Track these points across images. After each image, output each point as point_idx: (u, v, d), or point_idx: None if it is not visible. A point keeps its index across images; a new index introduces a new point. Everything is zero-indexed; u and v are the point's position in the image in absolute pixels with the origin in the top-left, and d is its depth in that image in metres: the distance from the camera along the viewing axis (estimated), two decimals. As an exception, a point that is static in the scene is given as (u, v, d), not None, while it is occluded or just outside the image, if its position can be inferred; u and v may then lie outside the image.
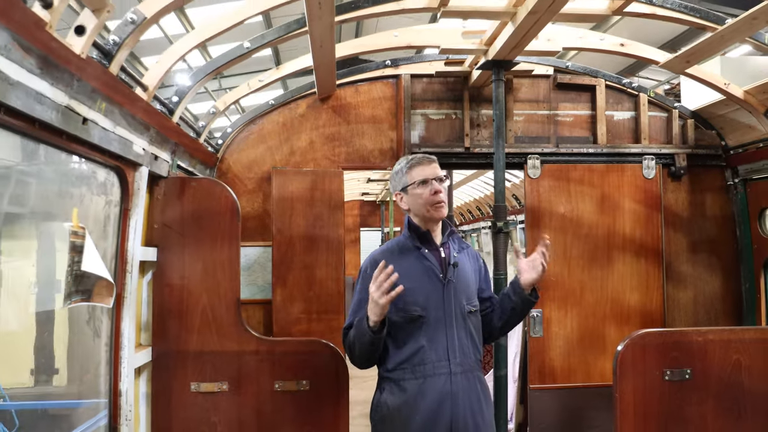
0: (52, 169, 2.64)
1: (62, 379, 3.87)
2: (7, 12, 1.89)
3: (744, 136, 5.11)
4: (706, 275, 5.34)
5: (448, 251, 3.19)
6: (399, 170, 3.22)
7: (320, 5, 3.19)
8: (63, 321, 3.44)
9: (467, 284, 3.19)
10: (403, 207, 3.24)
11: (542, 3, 3.33)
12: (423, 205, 3.12)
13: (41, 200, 2.92)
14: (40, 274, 3.27)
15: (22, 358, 3.63)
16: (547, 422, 4.99)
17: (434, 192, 3.09)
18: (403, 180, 3.17)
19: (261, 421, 3.84)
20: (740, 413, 3.89)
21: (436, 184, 3.11)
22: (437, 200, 3.10)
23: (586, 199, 5.13)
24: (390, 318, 3.02)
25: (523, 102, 5.27)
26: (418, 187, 3.11)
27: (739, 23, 3.67)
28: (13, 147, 2.39)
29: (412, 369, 3.07)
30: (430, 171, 3.13)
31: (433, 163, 3.18)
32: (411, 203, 3.17)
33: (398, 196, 3.23)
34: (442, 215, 3.15)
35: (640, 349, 3.87)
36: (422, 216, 3.16)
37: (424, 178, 3.11)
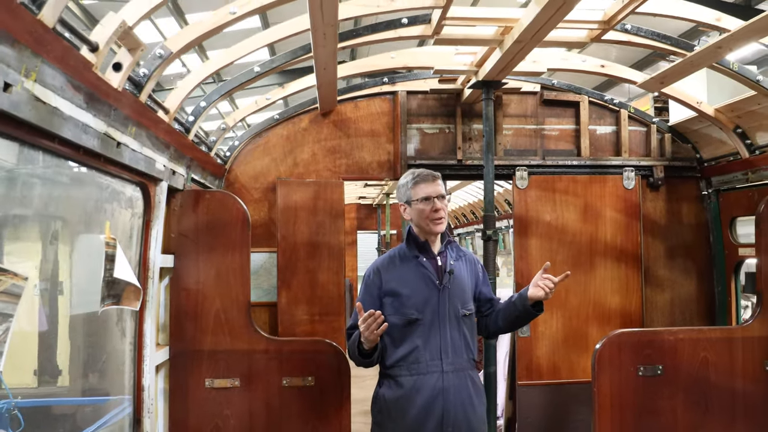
0: (90, 187, 2.99)
1: (65, 379, 4.19)
2: (65, 58, 2.23)
3: (717, 149, 5.48)
4: (682, 279, 5.71)
5: (444, 259, 3.54)
6: (405, 184, 3.57)
7: (324, 36, 3.53)
8: (65, 323, 3.73)
9: (462, 290, 3.53)
10: (405, 217, 3.60)
11: (527, 33, 3.68)
12: (424, 220, 3.47)
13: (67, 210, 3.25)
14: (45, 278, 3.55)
15: (25, 359, 3.91)
16: (534, 416, 5.34)
17: (435, 209, 3.44)
18: (408, 194, 3.52)
19: (270, 414, 4.19)
20: (707, 406, 4.25)
21: (437, 201, 3.45)
22: (437, 217, 3.45)
23: (570, 208, 5.48)
24: (389, 320, 3.38)
25: (511, 117, 5.62)
26: (421, 203, 3.46)
27: (706, 51, 4.03)
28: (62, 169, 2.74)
29: (407, 367, 3.42)
30: (432, 189, 3.47)
31: (437, 181, 3.51)
32: (413, 216, 3.52)
33: (402, 207, 3.58)
34: (440, 230, 3.50)
35: (616, 347, 4.23)
36: (422, 228, 3.51)
37: (426, 195, 3.45)
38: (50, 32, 2.05)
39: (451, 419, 3.38)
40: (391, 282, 3.50)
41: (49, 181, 2.64)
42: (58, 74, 2.20)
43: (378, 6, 3.60)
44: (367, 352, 3.35)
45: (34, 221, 2.60)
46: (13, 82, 1.91)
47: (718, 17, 3.84)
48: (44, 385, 3.68)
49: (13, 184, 2.42)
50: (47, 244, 3.10)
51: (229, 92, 4.22)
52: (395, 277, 3.50)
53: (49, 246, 3.06)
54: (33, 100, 2.05)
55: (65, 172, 2.69)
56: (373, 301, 3.47)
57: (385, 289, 3.50)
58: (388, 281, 3.50)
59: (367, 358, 3.39)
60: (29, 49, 1.96)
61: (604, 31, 3.98)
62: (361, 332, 3.22)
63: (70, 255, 2.82)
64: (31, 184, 2.62)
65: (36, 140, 2.23)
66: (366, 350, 3.34)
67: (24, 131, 2.12)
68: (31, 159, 2.43)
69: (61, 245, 2.82)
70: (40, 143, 2.28)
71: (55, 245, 2.79)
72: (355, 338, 3.37)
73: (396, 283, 3.49)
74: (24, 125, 2.08)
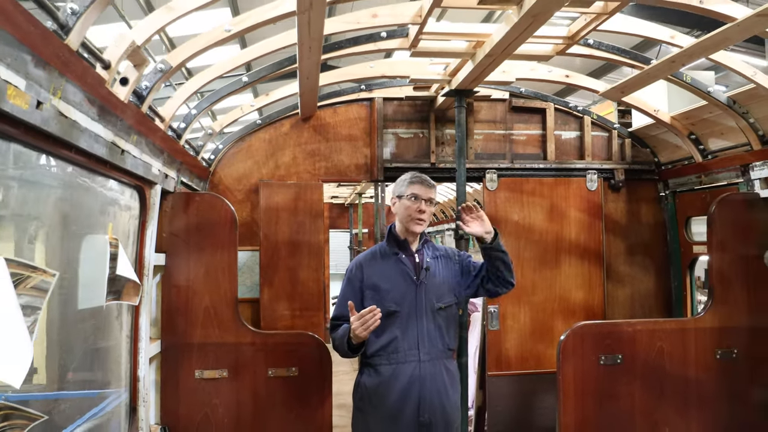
0: (95, 191, 3.22)
1: (41, 377, 4.39)
2: (84, 77, 2.47)
3: (673, 154, 5.85)
4: (641, 275, 6.08)
5: (422, 257, 3.84)
6: (403, 180, 3.86)
7: (310, 49, 3.80)
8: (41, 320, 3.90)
9: (438, 285, 3.82)
10: (393, 210, 3.89)
11: (497, 47, 3.97)
12: (406, 216, 3.77)
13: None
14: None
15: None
16: (503, 404, 5.66)
17: (419, 210, 3.74)
18: (402, 189, 3.82)
19: (257, 403, 4.45)
20: (662, 391, 4.60)
21: (423, 203, 3.75)
22: (419, 217, 3.75)
23: (537, 208, 5.81)
24: None
25: (482, 122, 5.94)
26: (409, 199, 3.76)
27: (662, 64, 4.36)
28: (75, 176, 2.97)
29: (387, 356, 3.71)
30: (423, 191, 3.77)
31: (431, 189, 3.81)
32: (398, 210, 3.82)
33: (393, 200, 3.88)
34: (419, 231, 3.80)
35: (579, 338, 4.55)
36: (403, 225, 3.81)
37: (416, 194, 3.75)
38: (74, 55, 2.30)
39: (427, 405, 3.67)
40: (372, 277, 3.79)
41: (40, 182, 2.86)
42: (78, 91, 2.45)
43: (359, 23, 3.88)
44: (355, 346, 3.63)
45: (45, 223, 2.82)
46: (43, 100, 2.15)
47: (672, 35, 4.17)
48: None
49: (31, 189, 2.65)
50: (53, 243, 3.31)
51: (219, 100, 4.47)
52: (376, 272, 3.80)
53: (54, 245, 3.27)
54: (58, 115, 2.30)
55: (68, 178, 2.92)
56: (355, 294, 3.77)
57: (366, 283, 3.79)
58: (370, 276, 3.79)
59: (356, 351, 3.66)
60: (57, 70, 2.20)
61: (568, 45, 4.29)
62: (354, 328, 3.47)
63: (78, 253, 3.05)
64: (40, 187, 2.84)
65: (58, 150, 2.48)
66: (355, 344, 3.61)
67: (50, 143, 2.37)
68: (50, 167, 2.66)
69: (68, 244, 3.04)
70: (60, 153, 2.52)
71: (64, 244, 3.01)
72: (344, 332, 3.63)
73: (377, 277, 3.78)
74: (50, 138, 2.33)
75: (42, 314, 2.29)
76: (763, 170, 4.85)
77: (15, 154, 2.35)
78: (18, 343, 2.01)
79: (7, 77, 1.86)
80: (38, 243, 2.65)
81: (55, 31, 2.14)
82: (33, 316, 2.22)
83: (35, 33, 1.96)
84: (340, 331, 3.71)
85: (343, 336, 3.65)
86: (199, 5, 2.88)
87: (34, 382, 2.87)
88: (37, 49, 2.01)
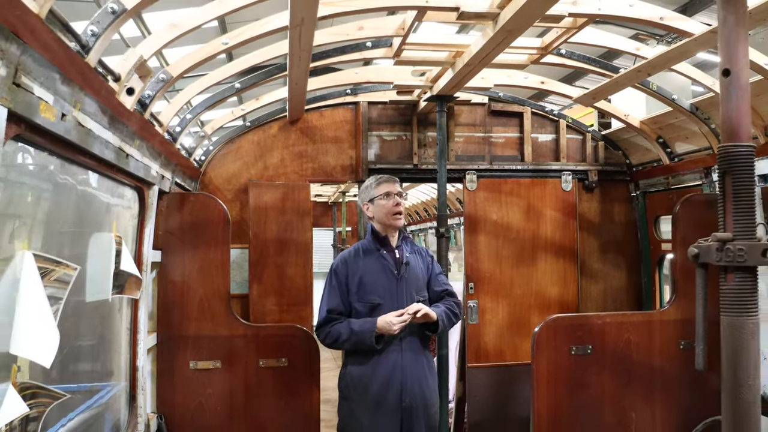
0: (102, 193, 3.47)
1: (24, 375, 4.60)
2: (99, 89, 2.72)
3: (643, 156, 6.17)
4: (613, 271, 6.40)
5: (401, 253, 4.13)
6: (368, 185, 4.16)
7: (300, 58, 4.05)
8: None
9: (417, 279, 4.12)
10: (368, 215, 4.17)
11: (475, 58, 4.24)
12: (385, 215, 4.07)
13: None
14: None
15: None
16: (482, 395, 5.95)
17: (396, 204, 4.04)
18: (371, 193, 4.11)
19: (248, 392, 4.71)
20: (629, 379, 4.90)
21: (397, 198, 4.05)
22: (397, 211, 4.06)
23: (514, 208, 6.11)
24: (355, 306, 3.97)
25: (462, 126, 6.22)
26: (383, 199, 4.06)
27: (629, 74, 4.67)
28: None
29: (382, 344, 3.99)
30: (393, 188, 4.10)
31: (396, 183, 4.15)
32: (375, 212, 4.10)
33: (365, 206, 4.16)
34: (400, 225, 4.11)
35: (552, 330, 4.84)
36: (384, 223, 4.09)
37: (388, 192, 4.06)
38: (92, 71, 2.55)
39: (408, 391, 3.96)
40: (356, 272, 4.08)
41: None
42: (94, 102, 2.70)
43: (346, 35, 4.15)
44: (376, 340, 3.90)
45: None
46: (66, 112, 2.40)
47: (638, 47, 4.48)
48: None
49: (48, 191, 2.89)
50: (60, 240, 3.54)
51: (213, 105, 4.71)
52: (360, 268, 4.08)
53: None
54: (78, 125, 2.55)
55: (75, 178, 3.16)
56: (341, 289, 4.05)
57: (351, 278, 4.08)
58: (354, 272, 4.08)
59: (379, 342, 3.93)
60: (78, 85, 2.45)
61: (542, 55, 4.58)
62: (392, 323, 3.82)
63: (87, 249, 3.29)
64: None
65: (76, 156, 2.73)
66: (377, 338, 3.90)
67: (69, 150, 2.62)
68: (65, 170, 2.91)
69: (81, 241, 3.28)
70: (77, 158, 2.77)
71: (77, 241, 3.25)
72: (366, 324, 3.91)
73: (361, 273, 4.07)
74: (70, 145, 2.57)
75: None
76: (724, 172, 5.16)
77: (43, 162, 2.60)
78: (46, 328, 2.26)
79: (40, 94, 2.11)
80: (58, 240, 2.90)
81: (78, 51, 2.39)
82: (56, 305, 2.47)
83: (62, 54, 2.21)
84: (354, 324, 3.95)
85: (364, 329, 3.90)
86: (199, 24, 3.14)
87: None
88: (64, 68, 2.25)
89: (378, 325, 3.87)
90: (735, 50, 1.97)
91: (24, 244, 2.28)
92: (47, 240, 2.80)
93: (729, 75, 1.95)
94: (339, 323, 4.00)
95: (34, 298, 2.23)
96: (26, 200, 2.53)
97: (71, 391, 3.32)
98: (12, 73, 1.90)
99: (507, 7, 3.45)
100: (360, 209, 4.24)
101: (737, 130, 1.98)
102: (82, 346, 3.51)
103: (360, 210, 8.03)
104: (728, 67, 1.96)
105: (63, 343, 2.43)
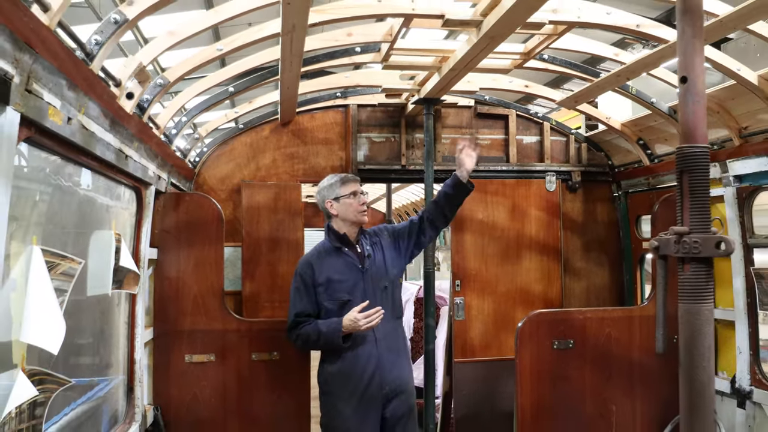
0: (103, 192, 3.63)
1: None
2: (101, 94, 2.88)
3: (625, 157, 6.37)
4: (596, 269, 6.59)
5: (362, 247, 4.32)
6: (332, 184, 4.36)
7: (291, 63, 4.22)
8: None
9: (380, 268, 4.32)
10: (332, 213, 4.36)
11: (460, 63, 4.41)
12: (352, 212, 4.27)
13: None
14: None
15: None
16: (468, 389, 6.12)
17: (362, 203, 4.24)
18: (336, 191, 4.30)
19: (241, 384, 4.88)
20: (610, 373, 5.08)
21: (362, 197, 4.25)
22: (363, 209, 4.27)
23: (500, 207, 6.29)
24: (325, 305, 4.18)
25: (449, 128, 6.40)
26: (350, 198, 4.25)
27: (609, 78, 4.85)
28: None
29: (350, 341, 4.15)
30: (357, 187, 4.30)
31: (359, 182, 4.39)
32: (341, 210, 4.29)
33: (329, 203, 4.34)
34: (365, 221, 4.34)
35: (535, 325, 5.02)
36: (350, 220, 4.30)
37: (354, 191, 4.26)
38: (96, 77, 2.71)
39: (386, 378, 4.17)
40: (322, 273, 4.26)
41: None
42: (96, 106, 2.86)
43: (336, 41, 4.32)
44: (344, 340, 4.09)
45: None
46: (72, 116, 2.56)
47: (617, 53, 4.66)
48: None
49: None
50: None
51: (207, 108, 4.87)
52: (325, 268, 4.26)
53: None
54: (82, 128, 2.71)
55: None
56: (309, 290, 4.25)
57: (318, 279, 4.26)
58: (320, 272, 4.26)
59: (346, 341, 4.11)
60: (82, 91, 2.61)
61: (525, 60, 4.75)
62: (356, 320, 3.98)
63: (88, 246, 3.45)
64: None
65: (79, 158, 2.89)
66: (344, 337, 4.08)
67: (73, 152, 2.78)
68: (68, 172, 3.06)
69: (83, 238, 3.44)
70: (81, 159, 2.93)
71: (80, 238, 3.41)
72: (332, 324, 4.09)
73: (327, 272, 4.25)
74: (74, 147, 2.73)
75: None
76: (701, 173, 5.36)
77: (50, 163, 2.76)
78: (54, 318, 2.42)
79: (49, 99, 2.27)
80: (63, 237, 3.06)
81: (83, 59, 2.55)
82: (62, 297, 2.62)
83: (69, 62, 2.37)
84: (321, 325, 4.14)
85: (330, 329, 4.08)
86: (196, 32, 3.30)
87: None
88: (71, 75, 2.42)
89: (344, 324, 4.05)
90: (692, 59, 2.15)
91: (33, 239, 2.43)
92: (53, 236, 2.96)
93: (686, 82, 2.13)
94: (308, 325, 4.18)
95: (42, 289, 2.39)
96: (34, 199, 2.68)
97: (79, 374, 3.49)
98: (24, 81, 2.06)
99: (490, 15, 3.62)
100: (322, 207, 4.40)
101: (694, 133, 2.15)
102: (84, 339, 3.67)
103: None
104: (685, 75, 2.14)
105: (67, 336, 2.59)
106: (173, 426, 4.76)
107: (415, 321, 9.07)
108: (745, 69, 4.22)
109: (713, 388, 2.22)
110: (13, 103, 1.99)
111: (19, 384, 2.23)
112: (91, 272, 3.46)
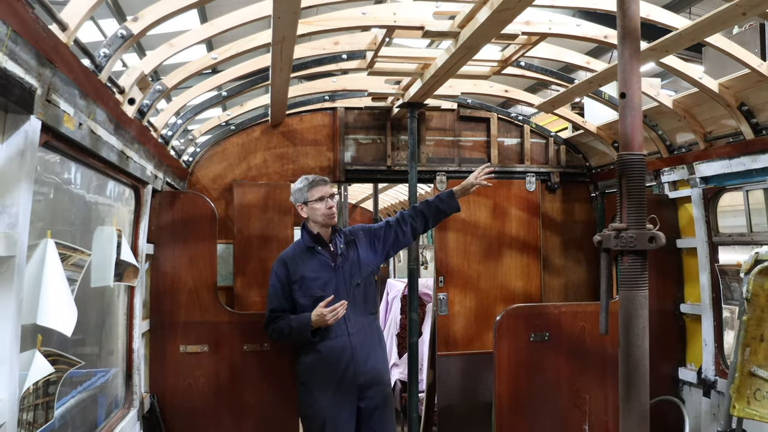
0: (105, 191, 3.89)
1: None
2: (107, 101, 3.13)
3: (601, 159, 6.66)
4: (574, 267, 6.88)
5: (335, 246, 4.57)
6: (301, 188, 4.59)
7: (281, 69, 4.48)
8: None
9: (353, 265, 4.57)
10: (303, 215, 4.61)
11: (441, 70, 4.68)
12: (320, 216, 4.51)
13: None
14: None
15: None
16: (451, 381, 6.39)
17: (329, 207, 4.48)
18: (305, 196, 4.54)
19: (233, 374, 5.14)
20: (584, 364, 5.35)
21: (329, 200, 4.49)
22: (331, 213, 4.51)
23: (482, 207, 6.57)
24: (300, 301, 4.44)
25: (433, 130, 6.67)
26: (317, 202, 4.49)
27: (582, 84, 5.13)
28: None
29: (320, 335, 4.44)
30: (325, 190, 4.55)
31: (328, 184, 4.60)
32: (310, 213, 4.55)
33: (300, 207, 4.60)
34: (334, 222, 4.59)
35: (513, 318, 5.28)
36: (319, 223, 4.53)
37: (321, 195, 4.49)
38: (104, 86, 2.97)
39: (361, 369, 4.43)
40: (297, 271, 4.51)
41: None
42: (103, 112, 3.11)
43: (324, 49, 4.58)
44: (313, 331, 4.35)
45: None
46: (83, 122, 2.82)
47: (588, 61, 4.95)
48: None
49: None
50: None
51: (201, 111, 5.12)
52: (300, 266, 4.52)
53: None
54: (90, 133, 2.96)
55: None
56: (284, 288, 4.50)
57: (293, 277, 4.51)
58: (295, 270, 4.52)
59: (315, 336, 4.37)
60: (92, 99, 2.87)
61: (502, 67, 5.03)
62: (323, 314, 4.22)
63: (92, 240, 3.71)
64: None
65: (87, 160, 3.14)
66: (313, 331, 4.34)
67: (83, 154, 3.04)
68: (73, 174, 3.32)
69: (89, 233, 3.69)
70: (88, 161, 3.19)
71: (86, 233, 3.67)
72: (302, 320, 4.35)
73: (301, 270, 4.50)
74: (84, 150, 2.99)
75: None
76: (671, 175, 5.67)
77: (62, 166, 3.02)
78: (67, 304, 2.68)
79: (64, 108, 2.53)
80: (73, 231, 3.31)
81: (92, 70, 2.81)
82: (72, 286, 2.88)
83: (82, 74, 2.63)
84: (292, 321, 4.40)
85: (300, 324, 4.34)
86: (192, 43, 3.56)
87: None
88: (83, 86, 2.67)
89: (312, 320, 4.30)
90: (630, 78, 2.44)
91: (48, 233, 2.69)
92: (65, 231, 3.22)
93: (625, 97, 2.42)
94: (282, 320, 4.46)
95: (56, 277, 2.64)
96: (49, 196, 2.94)
97: (77, 374, 3.73)
98: (45, 92, 2.32)
99: (466, 27, 3.90)
100: (294, 207, 4.67)
101: (631, 142, 2.45)
102: (88, 329, 3.92)
103: (339, 209, 8.44)
104: (624, 91, 2.42)
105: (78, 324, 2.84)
106: (169, 413, 5.02)
107: (402, 317, 9.30)
108: (707, 77, 4.52)
109: (647, 364, 2.51)
110: (36, 112, 2.24)
111: (36, 362, 2.49)
112: (95, 265, 3.71)
